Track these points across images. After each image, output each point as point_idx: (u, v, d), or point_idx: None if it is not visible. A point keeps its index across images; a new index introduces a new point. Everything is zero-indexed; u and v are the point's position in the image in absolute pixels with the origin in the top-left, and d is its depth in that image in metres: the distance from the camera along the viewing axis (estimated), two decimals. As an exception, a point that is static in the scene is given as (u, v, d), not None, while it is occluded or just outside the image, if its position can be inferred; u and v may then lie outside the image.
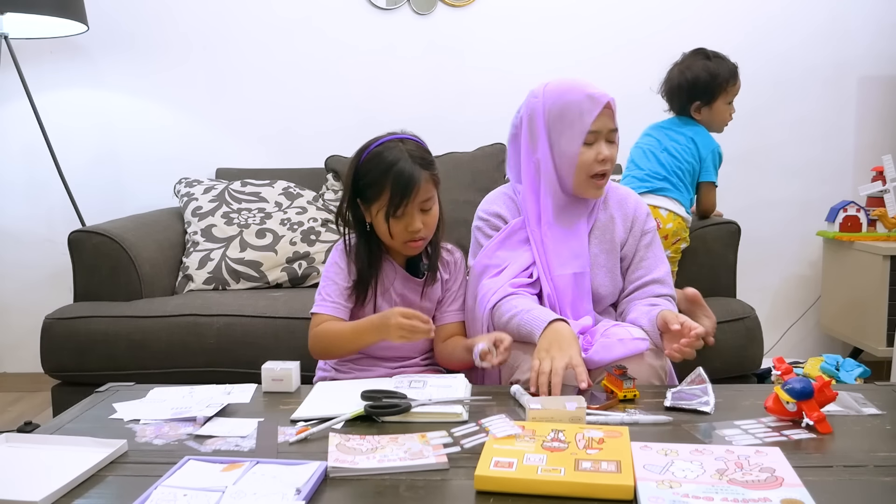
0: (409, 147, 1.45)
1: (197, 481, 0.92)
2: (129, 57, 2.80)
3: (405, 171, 1.40)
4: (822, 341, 2.88)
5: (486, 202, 1.62)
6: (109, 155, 2.84)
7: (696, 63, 2.16)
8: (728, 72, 2.16)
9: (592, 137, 1.46)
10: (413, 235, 1.45)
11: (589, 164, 1.46)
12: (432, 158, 1.48)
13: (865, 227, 2.58)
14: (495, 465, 0.93)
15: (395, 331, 1.34)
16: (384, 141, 1.46)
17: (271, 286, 2.32)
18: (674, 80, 2.20)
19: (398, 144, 1.44)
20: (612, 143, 1.49)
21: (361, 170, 1.45)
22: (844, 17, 2.78)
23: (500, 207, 1.59)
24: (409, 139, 1.48)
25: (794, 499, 0.85)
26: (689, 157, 2.14)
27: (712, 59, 2.17)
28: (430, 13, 2.79)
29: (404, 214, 1.42)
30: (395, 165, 1.41)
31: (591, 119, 1.44)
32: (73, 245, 2.09)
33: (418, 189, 1.41)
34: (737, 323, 1.98)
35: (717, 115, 2.19)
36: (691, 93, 2.16)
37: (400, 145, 1.44)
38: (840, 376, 2.27)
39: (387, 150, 1.44)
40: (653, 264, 1.55)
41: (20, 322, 2.79)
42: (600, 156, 1.46)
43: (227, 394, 1.30)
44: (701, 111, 2.18)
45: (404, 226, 1.44)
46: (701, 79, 2.14)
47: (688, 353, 1.33)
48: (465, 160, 2.59)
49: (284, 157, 2.80)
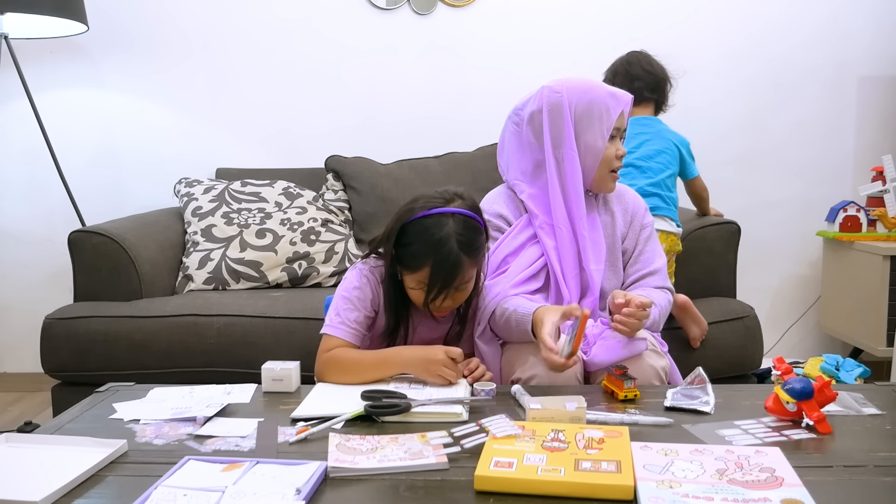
0: (457, 228, 1.34)
1: (197, 481, 0.92)
2: (129, 57, 2.80)
3: (449, 259, 1.32)
4: (822, 341, 2.88)
5: (486, 202, 1.61)
6: (109, 155, 2.84)
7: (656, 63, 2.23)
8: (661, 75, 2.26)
9: (615, 133, 1.50)
10: (441, 310, 1.42)
11: (611, 158, 1.50)
12: (480, 242, 1.39)
13: (865, 227, 2.58)
14: (495, 465, 0.93)
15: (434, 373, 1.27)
16: (432, 213, 1.36)
17: (271, 286, 2.32)
18: (658, 73, 2.21)
19: (447, 221, 1.34)
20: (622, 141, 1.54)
21: (405, 232, 1.37)
22: (844, 17, 2.78)
23: (501, 207, 1.58)
24: (458, 214, 1.36)
25: (794, 499, 0.85)
26: (674, 163, 2.18)
27: None
28: (430, 13, 2.79)
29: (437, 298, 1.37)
30: (440, 250, 1.32)
31: (616, 115, 1.48)
32: (73, 245, 2.09)
33: (460, 276, 1.36)
34: (737, 322, 1.98)
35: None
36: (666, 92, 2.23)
37: (450, 222, 1.34)
38: (840, 376, 2.27)
39: (433, 227, 1.34)
40: (650, 258, 1.57)
41: (20, 322, 2.79)
42: (619, 151, 1.51)
43: (227, 394, 1.29)
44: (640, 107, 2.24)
45: (437, 303, 1.38)
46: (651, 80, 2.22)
47: (632, 324, 1.34)
48: (466, 160, 2.59)
49: (284, 157, 2.80)
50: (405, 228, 1.37)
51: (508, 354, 1.48)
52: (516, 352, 1.44)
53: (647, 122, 2.21)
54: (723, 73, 2.81)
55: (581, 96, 1.48)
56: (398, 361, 1.34)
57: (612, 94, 1.48)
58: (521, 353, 1.43)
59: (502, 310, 1.43)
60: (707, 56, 2.79)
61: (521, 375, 1.39)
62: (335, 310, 1.44)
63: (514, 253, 1.53)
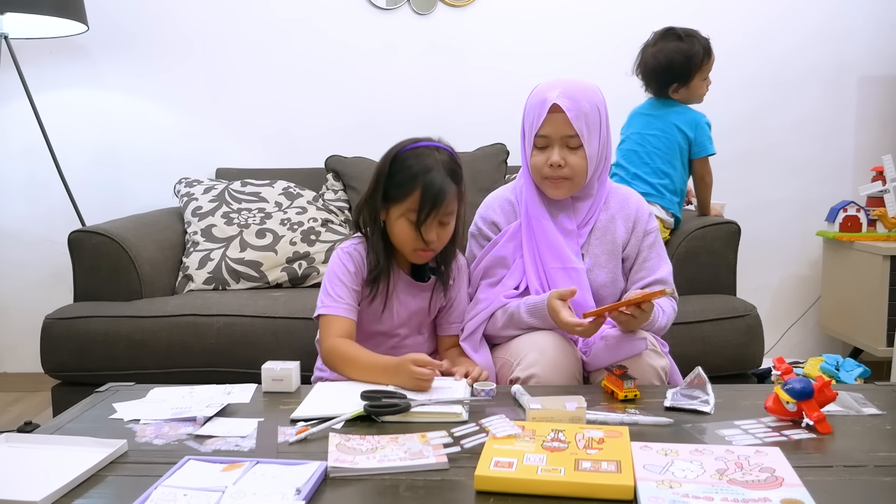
0: (443, 158, 1.44)
1: (197, 481, 0.92)
2: (129, 57, 2.80)
3: (437, 181, 1.40)
4: (822, 341, 2.88)
5: (484, 207, 1.63)
6: (109, 155, 2.84)
7: (668, 45, 2.18)
8: (702, 50, 2.17)
9: (543, 142, 1.48)
10: (424, 245, 1.44)
11: (539, 167, 1.49)
12: (462, 173, 1.47)
13: (865, 227, 2.58)
14: (495, 465, 0.93)
15: (406, 379, 1.28)
16: (420, 146, 1.45)
17: (271, 286, 2.32)
18: (648, 63, 2.21)
19: (433, 153, 1.44)
20: (571, 149, 1.47)
21: (392, 169, 1.44)
22: (844, 17, 2.78)
23: (496, 214, 1.59)
24: (443, 149, 1.47)
25: (794, 499, 0.85)
26: (674, 145, 2.17)
27: (684, 38, 2.17)
28: (430, 13, 2.79)
29: (424, 224, 1.41)
30: (428, 173, 1.40)
31: (538, 123, 1.46)
32: (73, 245, 2.08)
33: (446, 202, 1.41)
34: (738, 320, 1.98)
35: (695, 92, 2.23)
36: (667, 75, 2.19)
37: (435, 153, 1.44)
38: (840, 376, 2.27)
39: (421, 156, 1.43)
40: (656, 265, 1.55)
41: (20, 322, 2.79)
42: (550, 160, 1.47)
43: (227, 394, 1.30)
44: (679, 91, 2.21)
45: (415, 235, 1.42)
46: (675, 61, 2.16)
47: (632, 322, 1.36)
48: (466, 160, 2.55)
49: (284, 157, 2.80)
50: (395, 161, 1.44)
51: (503, 354, 1.48)
52: (513, 352, 1.45)
53: (657, 104, 2.23)
54: (722, 72, 2.79)
55: (526, 103, 1.52)
56: (380, 369, 1.34)
57: (541, 102, 1.45)
58: (517, 351, 1.43)
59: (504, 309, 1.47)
60: (707, 56, 2.80)
61: (520, 375, 1.39)
62: (325, 291, 1.48)
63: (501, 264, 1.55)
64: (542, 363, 1.37)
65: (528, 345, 1.42)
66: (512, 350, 1.46)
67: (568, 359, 1.40)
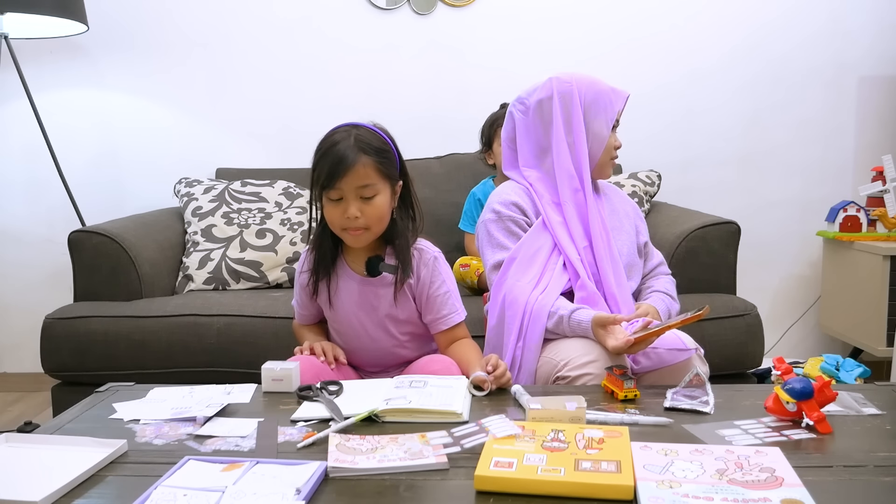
0: (359, 132, 1.41)
1: (197, 481, 0.92)
2: (129, 57, 2.80)
3: (339, 150, 1.38)
4: (822, 341, 2.88)
5: (498, 195, 1.59)
6: (109, 155, 2.84)
7: None
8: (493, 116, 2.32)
9: (615, 124, 1.61)
10: (349, 223, 1.41)
11: (612, 146, 1.61)
12: (386, 148, 1.44)
13: (865, 227, 2.58)
14: (495, 465, 0.93)
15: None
16: (337, 127, 1.44)
17: (271, 286, 2.32)
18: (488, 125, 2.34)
19: (350, 130, 1.42)
20: None
21: (314, 157, 1.43)
22: (844, 17, 2.78)
23: (517, 197, 1.57)
24: (364, 126, 1.44)
25: (794, 499, 0.85)
26: None
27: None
28: (430, 13, 2.79)
29: (339, 197, 1.39)
30: (334, 146, 1.39)
31: (619, 108, 1.59)
32: (73, 245, 2.09)
33: (351, 170, 1.37)
34: (738, 319, 1.98)
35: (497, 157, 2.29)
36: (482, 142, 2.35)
37: (353, 131, 1.41)
38: (840, 376, 2.27)
39: (333, 134, 1.42)
40: (652, 251, 1.72)
41: (20, 322, 2.79)
42: (618, 143, 1.63)
43: (227, 394, 1.29)
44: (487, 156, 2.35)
45: (341, 210, 1.40)
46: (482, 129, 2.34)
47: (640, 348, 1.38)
48: (467, 161, 2.59)
49: (284, 157, 2.80)
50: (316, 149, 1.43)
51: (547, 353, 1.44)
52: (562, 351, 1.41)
53: None
54: (723, 73, 2.81)
55: (589, 88, 1.57)
56: None
57: (613, 90, 1.59)
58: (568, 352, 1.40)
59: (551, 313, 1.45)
60: (708, 57, 2.80)
61: (571, 374, 1.37)
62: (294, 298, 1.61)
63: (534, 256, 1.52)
64: (598, 364, 1.36)
65: (580, 346, 1.40)
66: (561, 349, 1.42)
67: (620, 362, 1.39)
